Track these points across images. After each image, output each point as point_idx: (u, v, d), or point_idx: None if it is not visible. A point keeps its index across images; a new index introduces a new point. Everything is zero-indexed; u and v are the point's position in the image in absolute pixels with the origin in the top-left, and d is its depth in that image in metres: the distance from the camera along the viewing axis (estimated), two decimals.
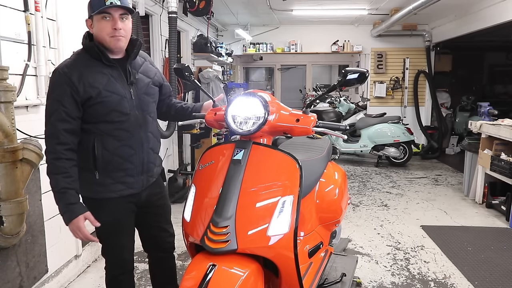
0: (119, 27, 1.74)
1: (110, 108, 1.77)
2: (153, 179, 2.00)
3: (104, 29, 1.73)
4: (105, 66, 1.79)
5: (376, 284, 2.89)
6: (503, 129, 4.22)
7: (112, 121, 1.79)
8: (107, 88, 1.77)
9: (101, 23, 1.73)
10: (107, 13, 1.71)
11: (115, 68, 1.81)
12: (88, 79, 1.73)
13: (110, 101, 1.77)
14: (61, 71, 1.73)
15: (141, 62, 1.97)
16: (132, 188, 1.88)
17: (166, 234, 2.13)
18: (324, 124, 1.67)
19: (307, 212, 2.09)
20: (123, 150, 1.82)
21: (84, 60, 1.78)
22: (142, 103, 1.89)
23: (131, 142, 1.84)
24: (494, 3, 5.47)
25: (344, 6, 6.54)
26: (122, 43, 1.78)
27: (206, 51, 5.88)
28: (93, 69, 1.77)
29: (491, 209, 4.54)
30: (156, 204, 2.06)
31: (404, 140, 6.81)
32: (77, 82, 1.71)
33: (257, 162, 1.58)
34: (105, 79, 1.78)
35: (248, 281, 1.41)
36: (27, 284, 2.36)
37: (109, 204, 1.86)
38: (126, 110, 1.81)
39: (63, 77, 1.72)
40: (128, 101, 1.82)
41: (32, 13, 2.40)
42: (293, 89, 10.81)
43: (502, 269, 3.11)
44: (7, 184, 2.02)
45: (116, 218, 1.89)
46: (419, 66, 8.19)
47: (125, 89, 1.82)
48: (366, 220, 4.24)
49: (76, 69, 1.73)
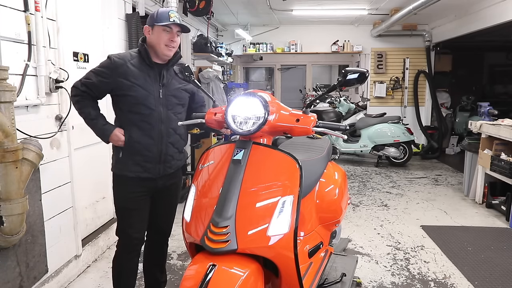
0: (175, 40, 2.11)
1: (138, 101, 2.08)
2: (171, 171, 2.24)
3: (163, 38, 2.07)
4: (147, 66, 2.12)
5: (376, 284, 2.89)
6: (503, 129, 4.22)
7: (139, 112, 2.10)
8: (140, 84, 2.09)
9: (162, 33, 2.07)
10: (169, 27, 2.06)
11: (153, 69, 2.13)
12: (128, 72, 2.07)
13: (139, 95, 2.08)
14: (111, 57, 2.10)
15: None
16: (149, 173, 2.16)
17: (168, 221, 2.39)
18: (324, 124, 1.67)
19: (307, 212, 2.09)
20: (144, 139, 2.12)
21: (134, 56, 2.13)
22: (168, 102, 2.16)
23: (152, 133, 2.13)
24: (494, 3, 5.47)
25: (344, 6, 6.54)
26: (171, 52, 2.13)
27: (206, 51, 5.87)
28: (136, 66, 2.10)
29: (491, 209, 4.54)
30: (168, 193, 2.31)
31: (404, 140, 6.81)
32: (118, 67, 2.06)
33: (257, 162, 1.58)
34: (142, 76, 2.10)
35: (248, 281, 1.41)
36: (27, 284, 2.36)
37: (128, 182, 2.16)
38: (151, 106, 2.11)
39: (110, 61, 2.08)
40: (155, 98, 2.12)
41: (32, 13, 2.39)
42: (293, 89, 10.81)
43: (502, 269, 3.11)
44: (7, 184, 2.02)
45: (131, 195, 2.16)
46: (419, 66, 8.19)
47: (155, 88, 2.13)
48: (366, 220, 4.24)
49: (123, 59, 2.09)
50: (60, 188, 2.74)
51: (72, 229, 2.90)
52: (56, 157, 2.70)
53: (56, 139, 2.69)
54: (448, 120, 8.26)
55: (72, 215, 2.89)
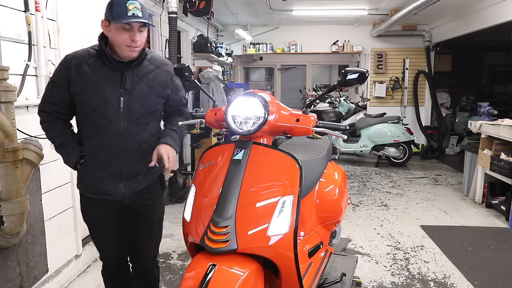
0: (137, 39, 1.73)
1: (93, 109, 1.78)
2: (141, 186, 1.91)
3: (122, 38, 1.71)
4: (105, 66, 1.78)
5: (376, 284, 2.89)
6: (502, 129, 4.23)
7: (94, 123, 1.80)
8: (95, 89, 1.76)
9: (120, 32, 1.70)
10: (128, 24, 1.69)
11: (115, 71, 1.79)
12: (82, 74, 1.76)
13: (93, 103, 1.77)
14: (66, 58, 1.81)
15: (149, 70, 1.88)
16: (111, 195, 1.86)
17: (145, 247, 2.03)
18: (324, 124, 1.68)
19: (307, 212, 2.09)
20: (99, 156, 1.83)
21: (92, 54, 1.80)
22: (132, 112, 1.81)
23: (108, 149, 1.81)
24: (494, 3, 5.47)
25: (344, 6, 6.54)
26: (135, 53, 1.78)
27: (206, 51, 5.88)
28: (94, 66, 1.78)
29: (490, 209, 4.54)
30: (141, 211, 1.95)
31: (404, 140, 6.81)
32: (73, 71, 1.77)
33: (257, 162, 1.59)
34: (98, 80, 1.77)
35: (248, 281, 1.41)
36: (27, 284, 2.37)
37: (91, 202, 1.92)
38: (109, 116, 1.78)
39: (65, 63, 1.80)
40: (114, 107, 1.78)
41: (33, 13, 2.40)
42: (293, 89, 10.79)
43: (502, 269, 3.11)
44: (8, 184, 2.02)
45: (96, 217, 1.94)
46: (419, 66, 8.19)
47: (115, 95, 1.78)
48: (366, 220, 4.24)
49: (78, 60, 1.78)
50: (60, 188, 2.74)
51: (72, 229, 2.90)
52: (56, 157, 2.67)
53: None
54: (448, 120, 8.26)
55: (72, 215, 2.89)
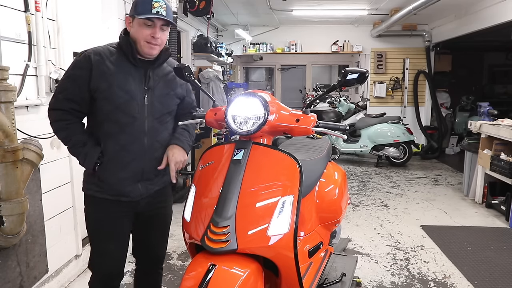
0: (158, 36, 1.74)
1: (116, 107, 1.74)
2: (156, 188, 1.91)
3: (143, 34, 1.72)
4: (129, 63, 1.78)
5: (376, 284, 2.90)
6: (502, 129, 4.23)
7: (116, 121, 1.75)
8: (120, 85, 1.74)
9: (142, 28, 1.72)
10: (151, 20, 1.72)
11: (138, 68, 1.79)
12: (105, 70, 1.73)
13: (119, 99, 1.73)
14: (87, 54, 1.75)
15: (167, 71, 1.91)
16: (128, 196, 1.82)
17: (159, 247, 2.04)
18: (324, 124, 1.67)
19: (307, 212, 2.09)
20: (122, 155, 1.78)
21: (113, 52, 1.78)
22: (155, 110, 1.83)
23: (132, 148, 1.78)
24: (494, 3, 5.47)
25: (344, 6, 6.54)
26: (155, 51, 1.78)
27: (206, 51, 5.88)
28: (117, 63, 1.76)
29: (490, 209, 4.55)
30: (156, 213, 1.96)
31: (404, 140, 6.82)
32: (95, 67, 1.72)
33: (257, 162, 1.58)
34: (123, 75, 1.76)
35: (248, 281, 1.41)
36: (27, 284, 2.37)
37: (103, 204, 1.83)
38: (133, 113, 1.77)
39: (86, 60, 1.73)
40: (139, 104, 1.78)
41: (33, 13, 2.40)
42: (293, 89, 10.80)
43: (502, 269, 3.12)
44: (8, 184, 2.02)
45: (108, 219, 1.84)
46: (419, 66, 8.19)
47: (140, 92, 1.78)
48: (366, 220, 4.24)
49: (100, 56, 1.75)
50: (60, 188, 2.74)
51: (72, 229, 2.90)
52: (56, 157, 2.70)
53: (56, 139, 2.67)
54: (448, 120, 8.26)
55: (72, 215, 2.89)
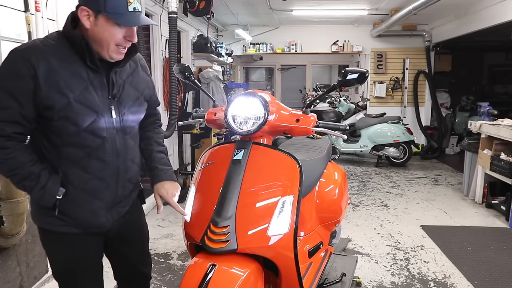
0: (135, 40, 1.37)
1: (81, 128, 1.33)
2: (126, 208, 1.60)
3: (115, 37, 1.32)
4: (86, 67, 1.34)
5: (376, 284, 2.90)
6: (502, 129, 4.23)
7: (82, 145, 1.36)
8: (81, 100, 1.31)
9: (113, 28, 1.30)
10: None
11: (98, 74, 1.36)
12: (57, 78, 1.28)
13: (82, 119, 1.32)
14: (24, 56, 1.26)
15: (131, 69, 1.52)
16: (100, 227, 1.51)
17: (143, 264, 1.77)
18: (324, 124, 1.68)
19: (307, 212, 2.09)
20: (92, 184, 1.41)
21: (61, 50, 1.31)
22: (125, 125, 1.45)
23: (103, 174, 1.43)
24: (494, 3, 5.47)
25: (344, 6, 6.54)
26: (121, 56, 1.39)
27: (206, 51, 5.88)
28: (69, 68, 1.31)
29: (490, 209, 4.54)
30: (131, 231, 1.68)
31: (404, 140, 6.81)
32: (42, 75, 1.26)
33: (257, 162, 1.59)
34: (82, 85, 1.32)
35: (248, 281, 1.41)
36: (27, 284, 2.37)
37: (70, 239, 1.47)
38: (101, 133, 1.38)
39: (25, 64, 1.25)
40: (107, 120, 1.38)
41: (33, 13, 2.40)
42: (293, 89, 10.81)
43: (502, 269, 3.12)
44: (7, 184, 2.02)
45: (79, 254, 1.50)
46: (419, 66, 8.19)
47: (105, 104, 1.38)
48: (366, 220, 4.24)
49: (45, 59, 1.27)
50: None
51: None
52: None
53: None
54: (448, 120, 8.26)
55: None
